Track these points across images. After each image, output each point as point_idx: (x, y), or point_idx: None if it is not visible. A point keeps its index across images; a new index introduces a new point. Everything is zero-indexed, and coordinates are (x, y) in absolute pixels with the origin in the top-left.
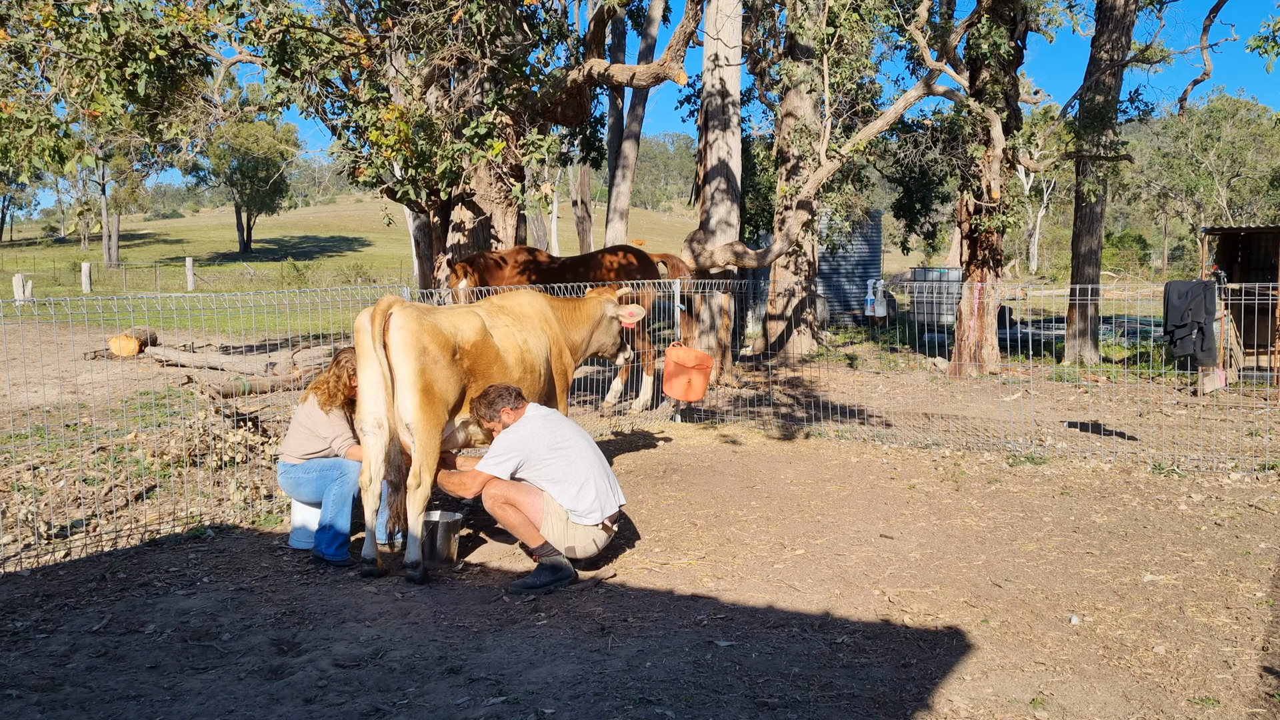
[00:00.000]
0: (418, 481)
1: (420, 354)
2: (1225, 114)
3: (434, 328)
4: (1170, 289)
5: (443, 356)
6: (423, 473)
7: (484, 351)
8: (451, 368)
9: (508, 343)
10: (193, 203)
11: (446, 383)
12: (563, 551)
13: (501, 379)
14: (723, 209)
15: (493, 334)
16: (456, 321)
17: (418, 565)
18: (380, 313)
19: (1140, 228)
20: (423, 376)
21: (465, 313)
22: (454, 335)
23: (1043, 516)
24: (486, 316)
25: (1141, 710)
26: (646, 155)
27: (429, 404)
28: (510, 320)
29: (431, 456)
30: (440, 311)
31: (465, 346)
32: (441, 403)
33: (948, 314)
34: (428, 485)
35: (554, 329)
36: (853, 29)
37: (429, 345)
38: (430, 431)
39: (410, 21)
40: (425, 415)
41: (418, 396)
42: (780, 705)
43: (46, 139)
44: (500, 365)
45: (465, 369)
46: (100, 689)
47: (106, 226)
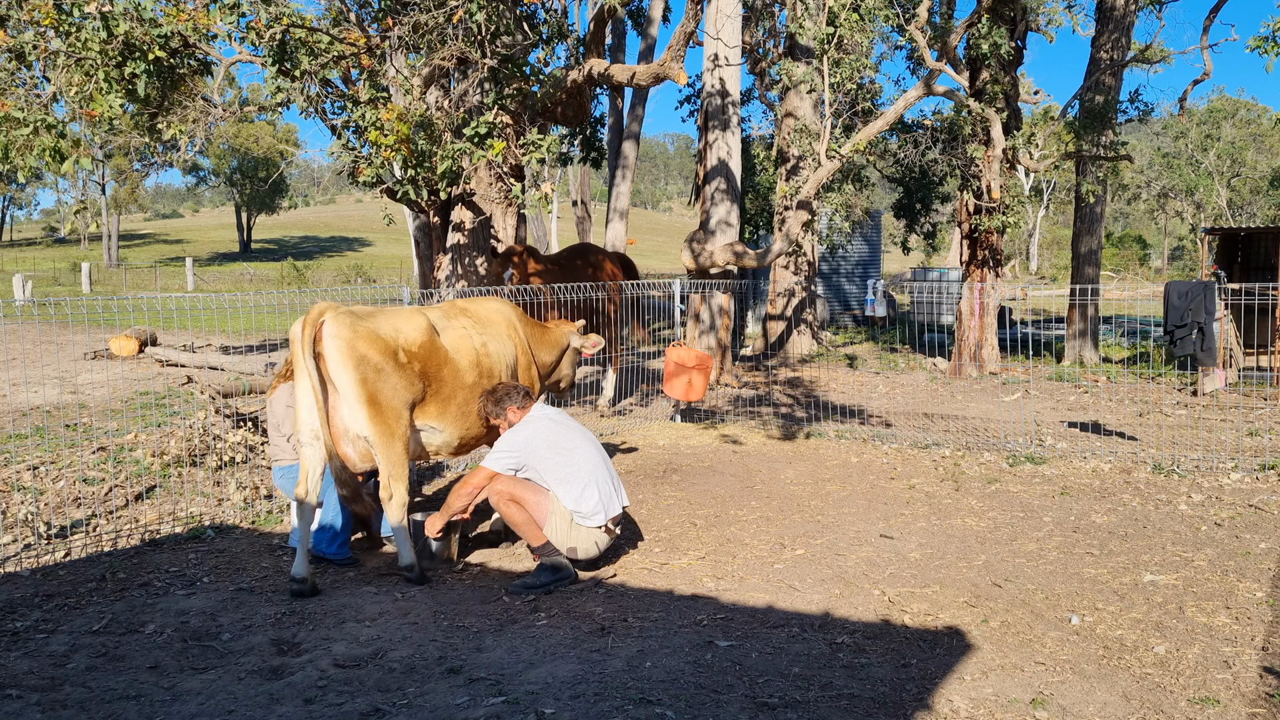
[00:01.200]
0: (389, 494)
1: (359, 363)
2: (1225, 114)
3: (370, 333)
4: (1170, 289)
5: (385, 363)
6: (392, 483)
7: (431, 353)
8: (398, 373)
9: (461, 344)
10: (193, 203)
11: (394, 390)
12: (564, 553)
13: (454, 382)
14: (723, 209)
15: (441, 335)
16: (397, 324)
17: (413, 567)
18: (311, 321)
19: (1140, 228)
20: (365, 386)
21: (408, 314)
22: (395, 339)
23: (1043, 516)
24: (439, 318)
25: (1141, 710)
26: (646, 155)
27: (379, 414)
28: (471, 323)
29: (399, 466)
30: (380, 315)
31: (410, 349)
32: (393, 410)
33: (948, 314)
34: (402, 494)
35: (522, 339)
36: (853, 29)
37: (367, 352)
38: (390, 440)
39: (410, 21)
40: (379, 426)
41: (366, 408)
42: (780, 705)
43: (45, 139)
44: (451, 368)
45: (416, 373)
46: (100, 689)
47: (106, 226)
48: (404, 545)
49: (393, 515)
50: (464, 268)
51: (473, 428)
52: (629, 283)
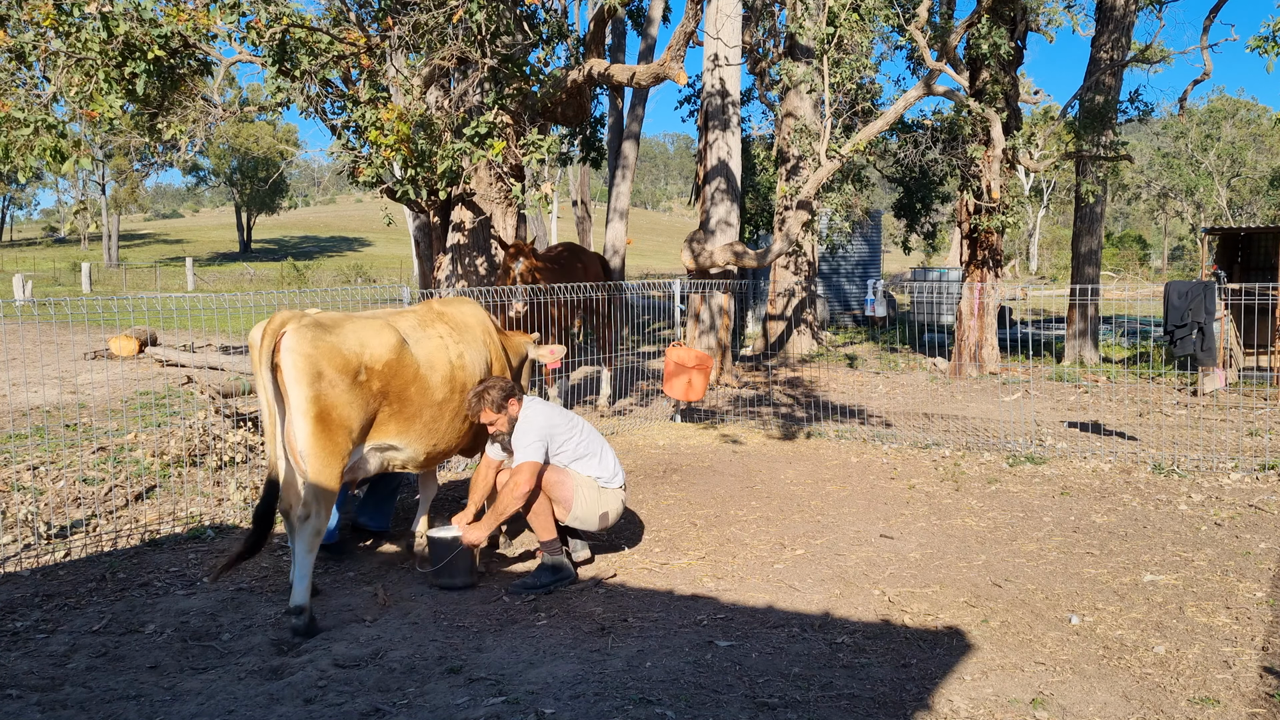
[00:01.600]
0: (306, 513)
1: (314, 379)
2: (1225, 114)
3: (332, 349)
4: (1170, 289)
5: (341, 380)
6: (312, 504)
7: (399, 370)
8: (354, 391)
9: (436, 357)
10: (193, 203)
11: (347, 408)
12: (596, 520)
13: (421, 400)
14: (723, 209)
15: (414, 347)
16: (364, 338)
17: (303, 610)
18: (271, 332)
19: (1140, 228)
20: (316, 403)
21: (378, 326)
22: (359, 355)
23: (1043, 516)
24: (414, 326)
25: (1141, 710)
26: (646, 155)
27: (324, 432)
28: (448, 330)
29: (326, 487)
30: (346, 326)
31: (375, 366)
32: (341, 430)
33: (948, 314)
34: (322, 520)
35: (496, 345)
36: (853, 29)
37: (325, 369)
38: (325, 460)
39: (410, 21)
40: (319, 444)
41: (310, 424)
42: (780, 705)
43: (45, 139)
44: (420, 385)
45: (375, 391)
46: (100, 689)
47: (106, 226)
48: (302, 581)
49: (303, 542)
50: (464, 268)
51: (440, 443)
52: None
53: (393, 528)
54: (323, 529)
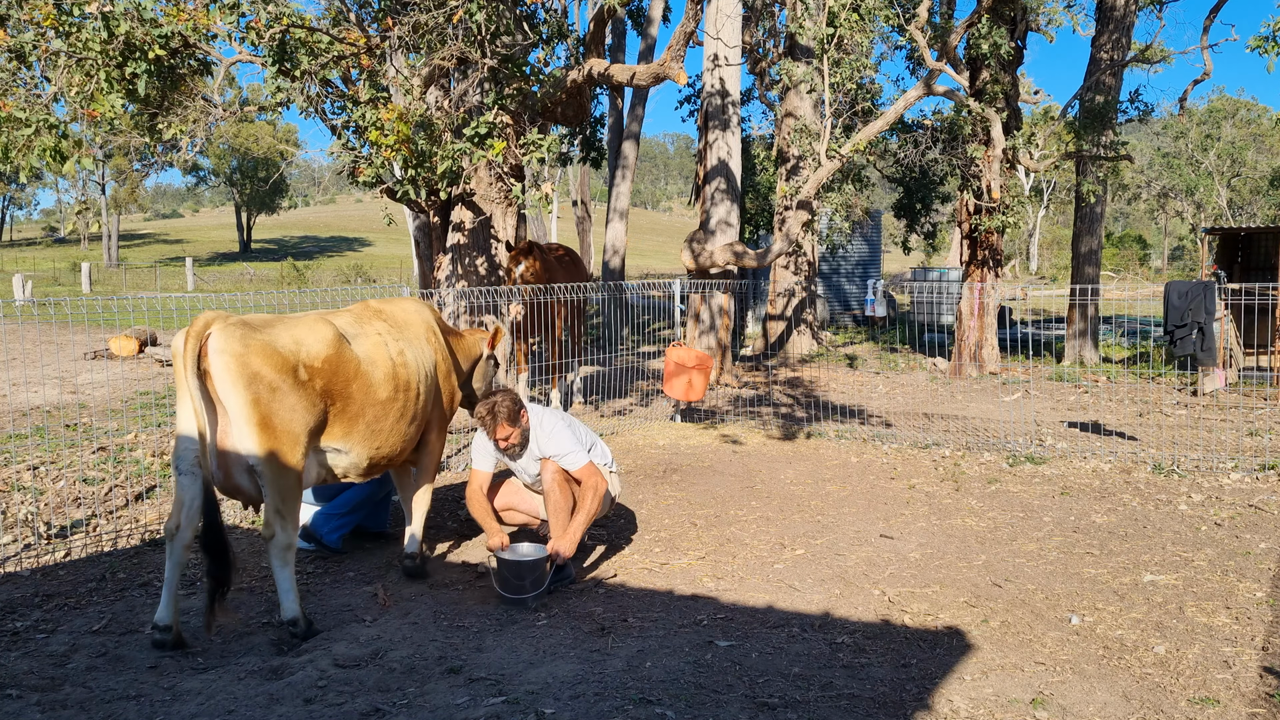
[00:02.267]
0: (272, 531)
1: (250, 382)
2: (1225, 114)
3: (265, 347)
4: (1170, 289)
5: (283, 380)
6: (279, 519)
7: (339, 367)
8: (298, 392)
9: (376, 354)
10: (193, 203)
11: (293, 411)
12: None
13: (364, 399)
14: (723, 209)
15: (353, 344)
16: (299, 335)
17: (298, 621)
18: (195, 334)
19: (1140, 228)
20: (258, 408)
21: (312, 322)
22: (295, 353)
23: (1043, 516)
24: (351, 323)
25: (1141, 710)
26: (646, 155)
27: (273, 439)
28: (386, 328)
29: (290, 500)
30: (279, 324)
31: (313, 364)
32: (289, 435)
33: (948, 314)
34: (291, 534)
35: (442, 344)
36: (853, 29)
37: (261, 369)
38: (282, 470)
39: (410, 21)
40: (273, 453)
41: (257, 433)
42: (780, 705)
43: (46, 139)
44: (363, 383)
45: (319, 390)
46: (100, 689)
47: (106, 226)
48: (288, 595)
49: (276, 559)
50: (464, 268)
51: (384, 447)
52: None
53: (392, 528)
54: (292, 543)
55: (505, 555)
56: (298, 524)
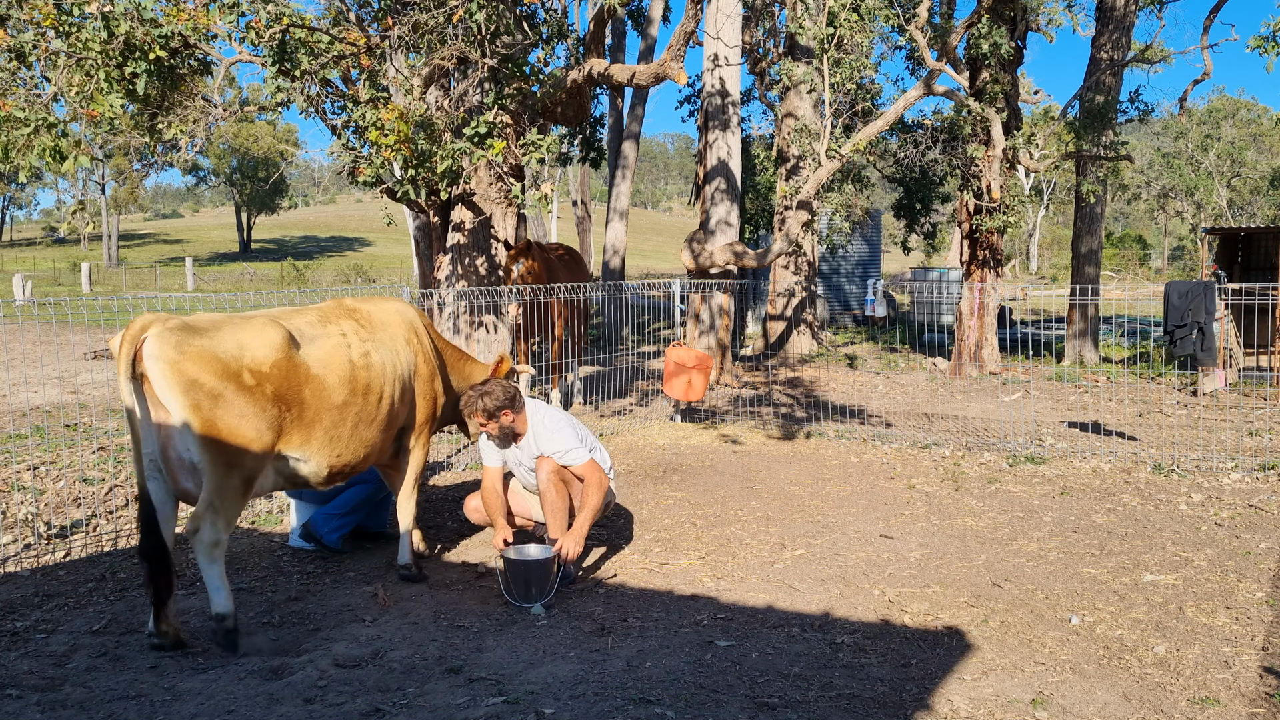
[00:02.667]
0: (197, 525)
1: (188, 388)
2: (1225, 114)
3: (204, 353)
4: (1170, 289)
5: (225, 386)
6: (210, 516)
7: (290, 372)
8: (245, 398)
9: (333, 358)
10: (193, 203)
11: (240, 419)
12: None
13: (318, 404)
14: (723, 209)
15: (305, 347)
16: (243, 338)
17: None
18: (131, 338)
19: (1140, 228)
20: (199, 415)
21: (260, 325)
22: (239, 357)
23: (1043, 516)
24: (311, 324)
25: (1141, 710)
26: (646, 155)
27: (216, 445)
28: (354, 328)
29: (229, 498)
30: (223, 328)
31: (260, 369)
32: (239, 441)
33: (948, 314)
34: (220, 531)
35: (426, 348)
36: (853, 29)
37: (200, 376)
38: (227, 473)
39: (410, 21)
40: (215, 455)
41: (197, 438)
42: (780, 705)
43: (45, 138)
44: (316, 387)
45: (270, 396)
46: (100, 689)
47: (106, 226)
48: (218, 589)
49: (202, 554)
50: (464, 268)
51: (344, 454)
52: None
53: (391, 528)
54: (220, 540)
55: (511, 555)
56: (230, 524)
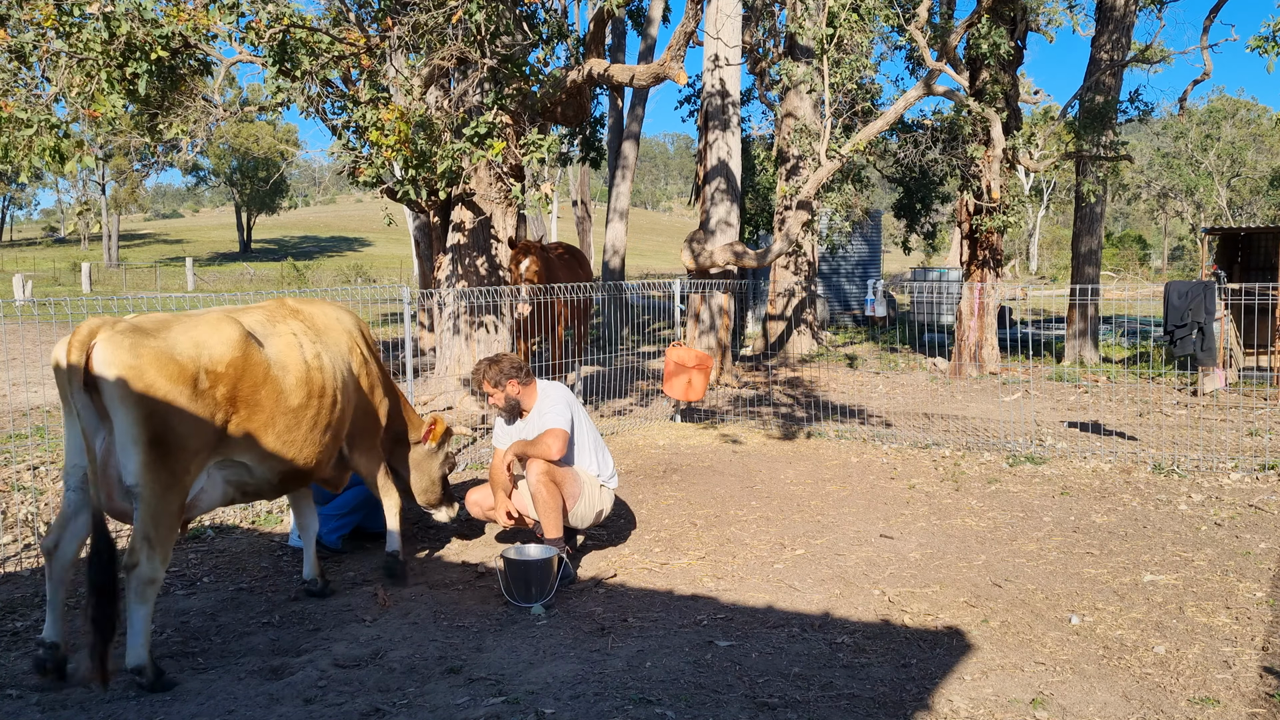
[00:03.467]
0: (135, 560)
1: (142, 396)
2: (1225, 114)
3: (161, 355)
4: (1170, 289)
5: (180, 391)
6: (142, 547)
7: (247, 370)
8: (197, 402)
9: (288, 356)
10: (193, 203)
11: (190, 425)
12: (593, 518)
13: (274, 406)
14: (723, 209)
15: (264, 344)
16: (199, 336)
17: (144, 670)
18: (80, 344)
19: (1140, 228)
20: (149, 425)
21: (215, 322)
22: (196, 358)
23: (1043, 516)
24: (261, 321)
25: (1141, 710)
26: (646, 155)
27: (160, 459)
28: (302, 329)
29: (164, 527)
30: (175, 326)
31: (217, 369)
32: (180, 453)
33: (948, 314)
34: (157, 568)
35: (366, 355)
36: (852, 29)
37: (156, 381)
38: (163, 493)
39: (410, 21)
40: (155, 475)
41: (143, 451)
42: (780, 705)
43: (46, 139)
44: (272, 388)
45: (222, 398)
46: (100, 689)
47: (106, 226)
48: (138, 636)
49: (135, 593)
50: (464, 268)
51: (298, 459)
52: (630, 283)
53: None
54: (157, 578)
55: (511, 555)
56: (167, 557)
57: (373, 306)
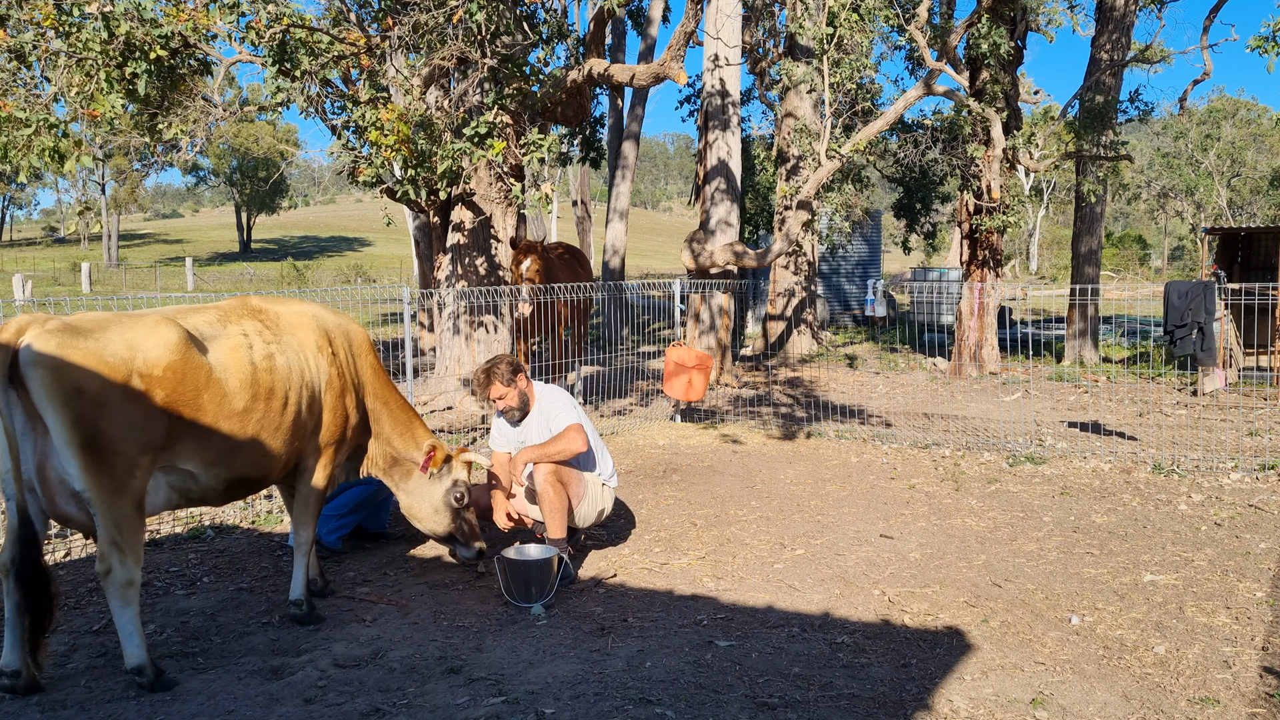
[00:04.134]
0: (107, 566)
1: (71, 397)
2: (1225, 114)
3: (90, 355)
4: (1170, 289)
5: (111, 393)
6: (113, 552)
7: (185, 374)
8: (130, 405)
9: (233, 360)
10: (193, 203)
11: (125, 428)
12: (595, 517)
13: (217, 410)
14: (723, 209)
15: (208, 346)
16: (133, 337)
17: (144, 669)
18: (6, 342)
19: (1140, 228)
20: (81, 428)
21: (153, 323)
22: (129, 359)
23: (1043, 516)
24: (210, 323)
25: (1141, 710)
26: (646, 155)
27: (100, 462)
28: (258, 329)
29: (127, 528)
30: (111, 327)
31: (152, 372)
32: (123, 457)
33: (948, 314)
34: (132, 569)
35: (341, 360)
36: (852, 29)
37: (84, 382)
38: (115, 497)
39: (410, 21)
40: (99, 479)
41: (80, 455)
42: (780, 705)
43: (46, 139)
44: (215, 391)
45: (159, 403)
46: (100, 689)
47: (106, 226)
48: (131, 637)
49: (114, 598)
50: (464, 268)
51: (244, 466)
52: (630, 283)
53: (391, 528)
54: (134, 579)
55: (511, 555)
56: (140, 557)
57: (373, 306)
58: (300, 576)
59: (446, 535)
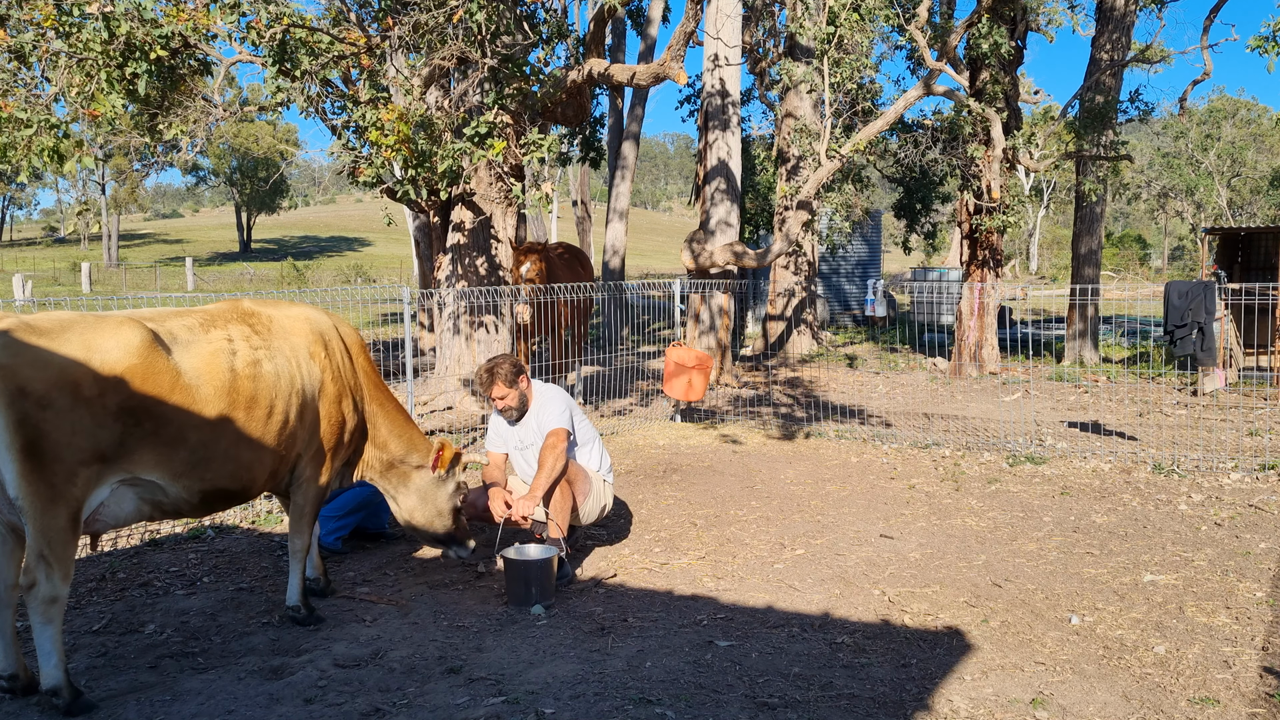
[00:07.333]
0: (31, 579)
1: (15, 398)
2: (1225, 114)
3: (39, 357)
4: (1170, 289)
5: (58, 396)
6: (37, 566)
7: (150, 378)
8: (80, 410)
9: (209, 365)
10: (193, 203)
11: (71, 434)
12: (597, 513)
13: (185, 418)
14: (723, 209)
15: (175, 351)
16: (92, 339)
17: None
18: None
19: (1140, 228)
20: (20, 432)
21: (116, 324)
22: (83, 361)
23: (1043, 516)
24: (189, 327)
25: (1141, 710)
26: (646, 155)
27: (36, 470)
28: (245, 333)
29: (57, 542)
30: (72, 328)
31: (109, 374)
32: (62, 465)
33: (948, 314)
34: (58, 585)
35: (337, 364)
36: (853, 29)
37: (30, 384)
38: (49, 506)
39: (410, 21)
40: (32, 486)
41: (16, 459)
42: (780, 705)
43: (46, 139)
44: (186, 396)
45: (113, 409)
46: (100, 689)
47: (106, 226)
48: (50, 656)
49: (37, 615)
50: (464, 268)
51: (219, 478)
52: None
53: (391, 528)
54: (59, 595)
55: (511, 555)
56: (68, 573)
57: (373, 306)
58: (296, 583)
59: (446, 536)
